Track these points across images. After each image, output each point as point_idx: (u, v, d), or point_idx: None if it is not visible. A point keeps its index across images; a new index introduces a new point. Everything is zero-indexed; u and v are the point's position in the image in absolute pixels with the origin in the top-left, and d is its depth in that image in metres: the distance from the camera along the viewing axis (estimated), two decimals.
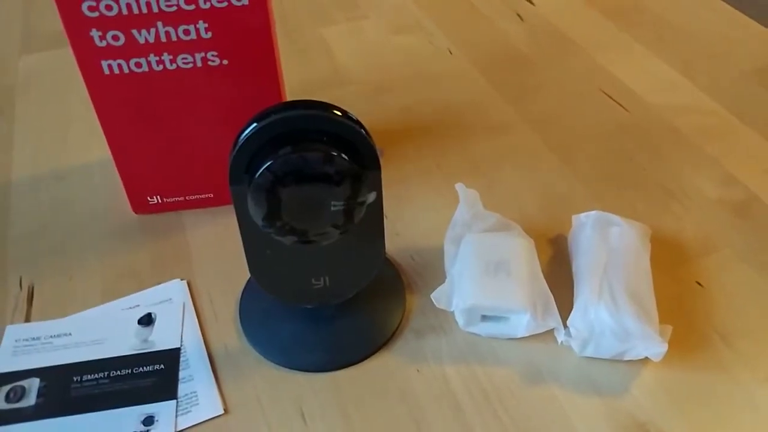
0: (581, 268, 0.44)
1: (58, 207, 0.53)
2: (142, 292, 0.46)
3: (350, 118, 0.36)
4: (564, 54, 0.68)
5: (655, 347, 0.40)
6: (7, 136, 0.60)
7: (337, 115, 0.35)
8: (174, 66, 0.43)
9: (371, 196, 0.36)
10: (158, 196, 0.50)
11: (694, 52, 0.67)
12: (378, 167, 0.36)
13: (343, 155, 0.34)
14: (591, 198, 0.53)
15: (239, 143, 0.35)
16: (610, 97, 0.62)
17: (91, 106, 0.44)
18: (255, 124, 0.34)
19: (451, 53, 0.68)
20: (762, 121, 0.59)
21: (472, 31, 0.71)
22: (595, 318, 0.41)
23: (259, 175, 0.34)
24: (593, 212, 0.47)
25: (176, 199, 0.51)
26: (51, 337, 0.44)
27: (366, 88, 0.64)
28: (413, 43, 0.70)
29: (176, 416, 0.39)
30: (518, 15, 0.73)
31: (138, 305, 0.45)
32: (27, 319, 0.45)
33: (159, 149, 0.47)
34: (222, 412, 0.40)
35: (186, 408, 0.40)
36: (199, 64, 0.43)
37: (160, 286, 0.47)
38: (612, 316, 0.40)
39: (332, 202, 0.35)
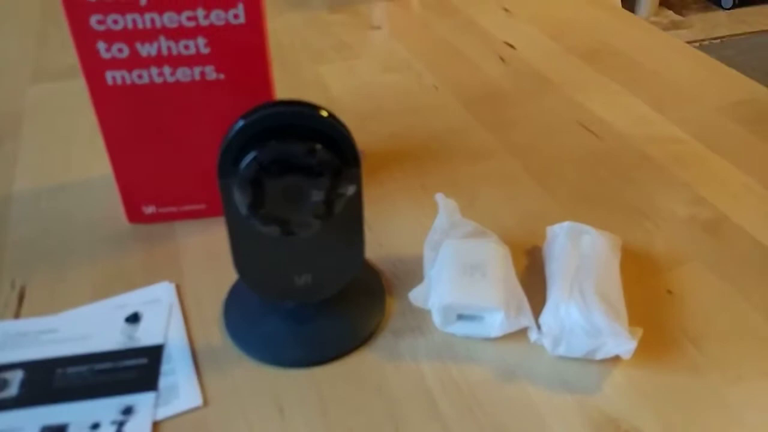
0: (553, 271, 0.46)
1: (55, 216, 0.55)
2: (130, 292, 0.48)
3: (334, 118, 0.39)
4: (543, 91, 0.72)
5: (624, 344, 0.41)
6: (11, 153, 0.63)
7: (322, 114, 0.38)
8: (174, 78, 0.46)
9: (350, 189, 0.39)
10: (153, 206, 0.53)
11: (666, 91, 0.71)
12: (358, 165, 0.39)
13: (325, 148, 0.37)
14: (566, 216, 0.55)
15: (228, 137, 0.37)
16: (586, 128, 0.66)
17: (96, 128, 0.47)
18: (243, 121, 0.37)
19: (436, 89, 0.72)
20: (731, 150, 0.62)
21: (458, 71, 0.76)
22: (566, 315, 0.42)
23: (246, 165, 0.36)
24: (566, 223, 0.49)
25: (170, 209, 0.53)
26: (38, 333, 0.45)
27: (356, 116, 0.68)
28: (401, 80, 0.74)
29: (155, 407, 0.40)
30: (501, 58, 0.78)
31: (126, 305, 0.47)
32: (16, 317, 0.46)
33: (156, 158, 0.50)
34: (200, 403, 0.41)
35: (166, 399, 0.41)
36: (197, 78, 0.46)
37: (148, 287, 0.48)
38: (582, 313, 0.42)
39: (313, 192, 0.37)
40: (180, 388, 0.42)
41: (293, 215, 0.38)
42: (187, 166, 0.51)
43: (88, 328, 0.45)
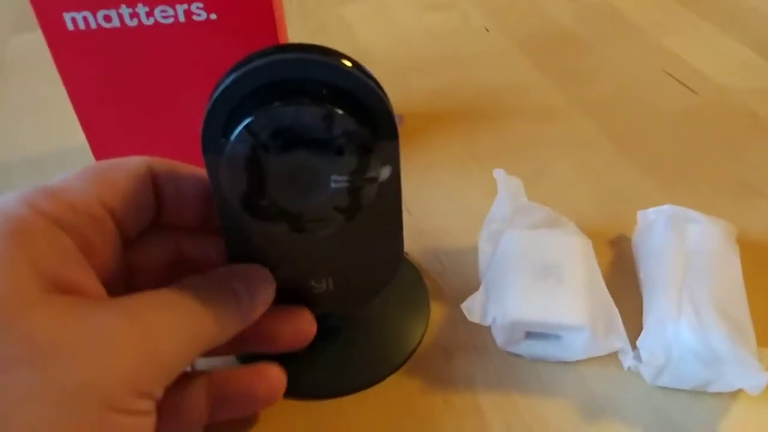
0: (653, 274, 0.35)
1: None
2: None
3: (362, 70, 0.28)
4: (620, 33, 0.59)
5: (752, 377, 0.30)
6: None
7: (345, 64, 0.27)
8: (151, 20, 0.35)
9: (384, 172, 0.28)
10: None
11: None
12: (394, 136, 0.28)
13: (349, 114, 0.26)
14: (658, 193, 0.43)
15: (214, 97, 0.27)
16: (676, 79, 0.53)
17: None
18: (234, 74, 0.27)
19: (488, 31, 0.60)
20: None
21: (514, 7, 0.63)
22: (675, 338, 0.32)
23: (236, 137, 0.26)
24: (665, 207, 0.38)
25: None
26: None
27: (390, 69, 0.56)
28: (445, 21, 0.62)
29: None
30: None
31: None
32: None
33: (138, 123, 0.40)
34: None
35: None
36: (182, 19, 0.36)
37: None
38: (696, 334, 0.31)
39: (332, 177, 0.27)
40: None
41: (306, 208, 0.28)
42: (176, 131, 0.40)
43: None
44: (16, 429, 0.19)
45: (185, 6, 0.35)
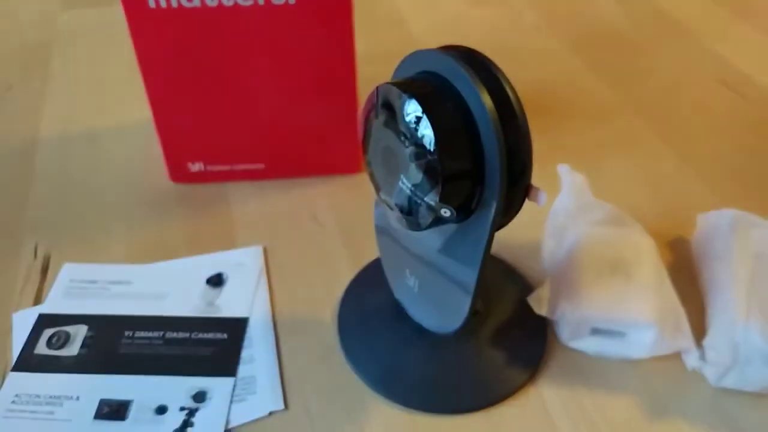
0: (718, 277, 0.35)
1: (86, 170, 0.46)
2: (213, 254, 0.40)
3: (512, 136, 0.27)
4: (670, 37, 0.59)
5: None
6: (39, 93, 0.54)
7: (488, 103, 0.26)
8: (231, 2, 0.36)
9: (444, 211, 0.26)
10: (200, 163, 0.43)
11: None
12: (494, 199, 0.26)
13: (438, 138, 0.25)
14: (714, 196, 0.44)
15: (408, 55, 0.28)
16: (727, 86, 0.53)
17: (134, 65, 0.38)
18: (425, 51, 0.27)
19: (538, 29, 0.60)
20: None
21: (564, 6, 0.63)
22: (743, 340, 0.32)
23: (374, 91, 0.27)
24: (727, 210, 0.38)
25: (221, 167, 0.43)
26: (109, 282, 0.38)
27: None
28: (495, 17, 0.62)
29: (231, 401, 0.32)
30: None
31: (206, 265, 0.39)
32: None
33: (206, 105, 0.40)
34: (282, 407, 0.32)
35: (241, 395, 0.32)
36: (261, 2, 0.36)
37: (235, 250, 0.40)
38: (764, 337, 0.31)
39: (401, 175, 0.27)
40: (258, 383, 0.33)
41: (385, 184, 0.28)
42: (244, 116, 0.41)
43: (165, 286, 0.38)
44: None
45: None
